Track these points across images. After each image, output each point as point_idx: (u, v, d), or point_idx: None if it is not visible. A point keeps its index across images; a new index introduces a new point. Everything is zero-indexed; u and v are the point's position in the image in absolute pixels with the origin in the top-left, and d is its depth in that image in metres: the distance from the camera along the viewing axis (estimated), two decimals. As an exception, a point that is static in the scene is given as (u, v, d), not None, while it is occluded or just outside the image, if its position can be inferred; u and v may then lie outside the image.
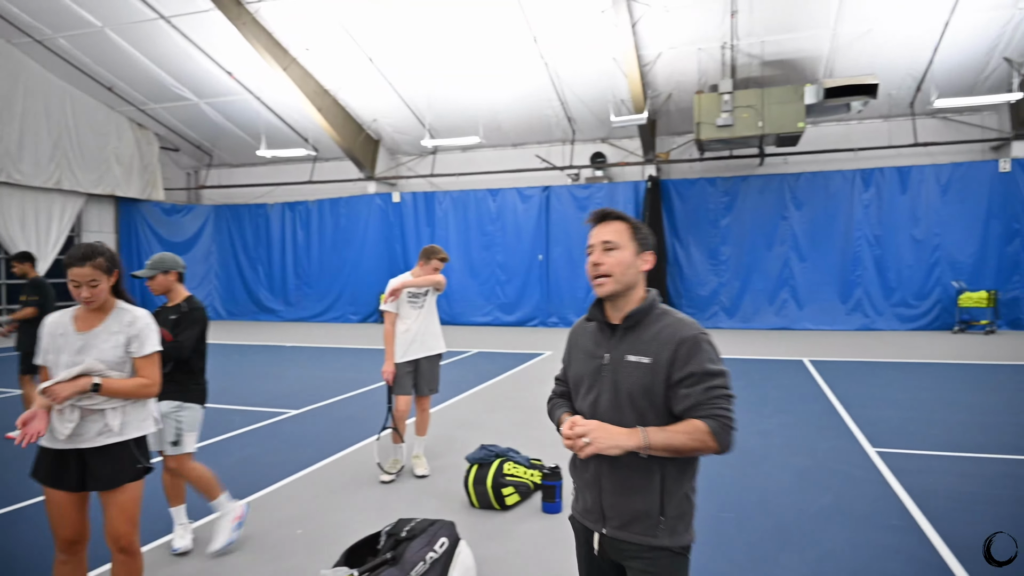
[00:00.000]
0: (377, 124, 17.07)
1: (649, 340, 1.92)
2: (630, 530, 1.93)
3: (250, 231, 19.38)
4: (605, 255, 1.95)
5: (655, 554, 1.91)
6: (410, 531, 3.31)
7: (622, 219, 2.00)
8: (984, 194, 13.72)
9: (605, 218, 2.00)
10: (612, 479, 1.94)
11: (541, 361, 10.99)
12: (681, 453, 1.84)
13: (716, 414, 1.82)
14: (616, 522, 1.96)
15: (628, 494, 1.92)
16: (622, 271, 1.94)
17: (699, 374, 1.85)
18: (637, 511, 1.92)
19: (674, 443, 1.82)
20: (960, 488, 4.68)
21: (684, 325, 1.92)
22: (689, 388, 1.85)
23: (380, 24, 13.29)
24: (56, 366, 2.80)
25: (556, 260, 16.39)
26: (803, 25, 12.32)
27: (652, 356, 1.89)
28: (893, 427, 6.34)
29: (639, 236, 1.99)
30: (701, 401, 1.84)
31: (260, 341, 14.20)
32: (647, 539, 1.91)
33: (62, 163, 16.27)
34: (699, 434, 1.81)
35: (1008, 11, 11.59)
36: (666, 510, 1.90)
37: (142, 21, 13.61)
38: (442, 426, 6.71)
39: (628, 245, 1.96)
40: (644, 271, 2.00)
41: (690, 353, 1.87)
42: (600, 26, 12.52)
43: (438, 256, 5.23)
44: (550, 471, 4.43)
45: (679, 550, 1.93)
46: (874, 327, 14.21)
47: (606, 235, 1.96)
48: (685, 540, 1.93)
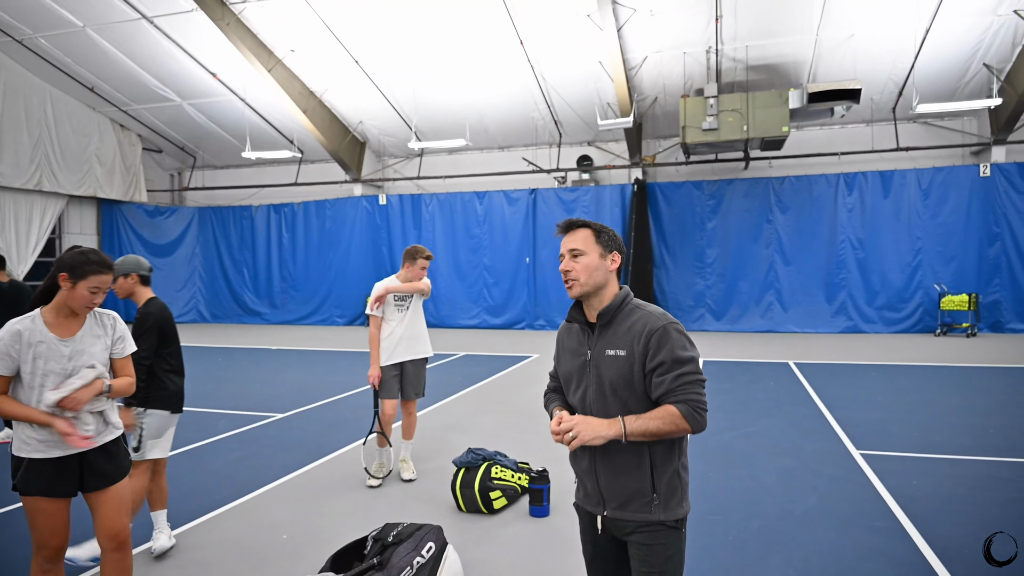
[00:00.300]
0: (363, 126, 17.01)
1: (623, 334, 2.09)
2: (627, 509, 2.11)
3: (235, 233, 19.22)
4: (573, 261, 2.14)
5: (652, 528, 2.09)
6: (397, 536, 3.29)
7: (586, 226, 2.18)
8: (965, 198, 13.90)
9: (570, 227, 2.20)
10: (606, 465, 2.13)
11: (529, 364, 10.98)
12: (658, 436, 2.01)
13: (687, 399, 2.00)
14: (614, 503, 2.14)
15: (622, 477, 2.10)
16: (588, 274, 2.12)
17: (669, 362, 2.01)
18: (632, 491, 2.09)
19: (650, 428, 1.99)
20: (942, 490, 4.73)
21: (653, 317, 2.08)
22: (661, 376, 2.02)
23: (366, 26, 13.25)
24: (46, 375, 2.71)
25: (543, 263, 16.40)
26: (787, 30, 12.44)
27: (627, 348, 2.06)
28: (877, 429, 6.40)
29: (602, 240, 2.17)
30: (672, 388, 2.01)
31: (245, 344, 14.08)
32: (643, 515, 2.09)
33: (43, 164, 16.06)
34: (672, 418, 1.99)
35: (988, 18, 11.77)
36: (658, 488, 2.08)
37: (124, 21, 13.47)
38: (429, 429, 6.69)
39: (593, 249, 2.14)
40: (612, 270, 2.16)
41: (660, 343, 2.03)
42: (586, 29, 12.56)
43: (423, 255, 5.20)
44: (537, 474, 4.42)
45: (673, 523, 2.10)
46: (858, 329, 14.34)
47: (572, 243, 2.16)
48: (679, 513, 2.10)
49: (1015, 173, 13.61)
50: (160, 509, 3.96)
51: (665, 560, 2.09)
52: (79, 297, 2.72)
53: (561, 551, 3.87)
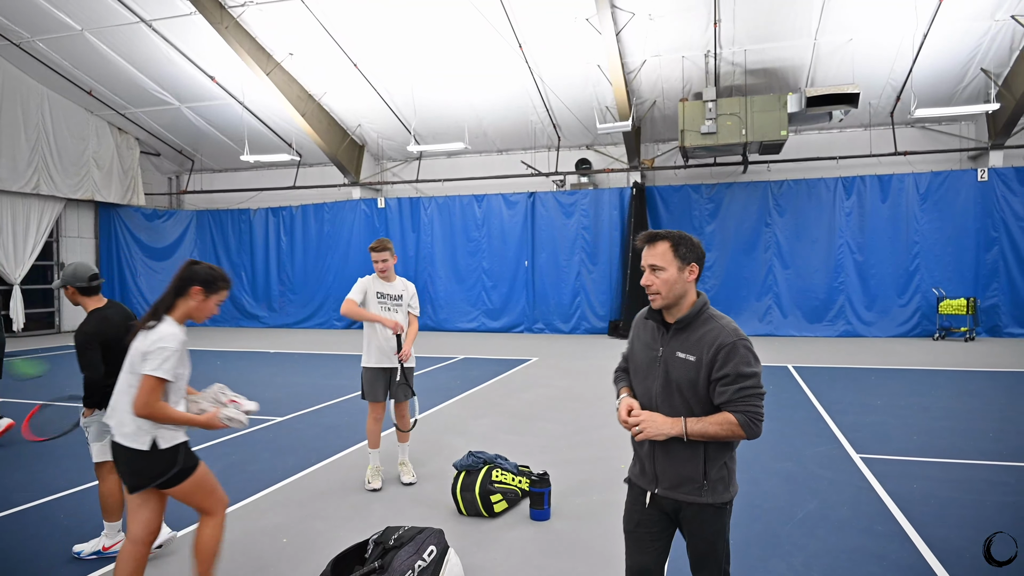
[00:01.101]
0: (362, 129, 17.02)
1: (696, 341, 2.29)
2: (679, 491, 2.35)
3: (233, 237, 19.20)
4: (653, 275, 2.31)
5: (702, 508, 2.34)
6: (398, 539, 3.28)
7: (665, 239, 2.33)
8: (963, 203, 13.93)
9: (651, 240, 2.34)
10: (664, 452, 2.36)
11: (528, 367, 10.97)
12: (715, 439, 2.25)
13: (745, 409, 2.22)
14: (666, 484, 2.37)
15: (676, 464, 2.33)
16: (668, 288, 2.30)
17: (733, 375, 2.22)
18: (684, 476, 2.33)
19: (708, 432, 2.23)
20: (941, 493, 4.73)
21: (725, 332, 2.27)
22: (725, 387, 2.23)
23: (365, 29, 13.27)
24: (181, 379, 2.95)
25: (542, 266, 16.40)
26: (785, 34, 12.47)
27: (696, 355, 2.27)
28: (876, 433, 6.40)
29: (680, 252, 2.31)
30: (734, 399, 2.22)
31: (243, 347, 14.05)
32: (694, 498, 2.33)
33: (40, 167, 16.04)
34: (730, 425, 2.22)
35: (985, 23, 11.81)
36: (708, 475, 2.31)
37: (122, 25, 13.47)
38: (428, 432, 6.68)
39: (672, 264, 2.30)
40: (691, 280, 2.33)
41: (727, 357, 2.23)
42: (585, 33, 12.59)
43: (373, 250, 5.12)
44: (538, 477, 4.41)
45: (720, 505, 2.34)
46: (856, 334, 14.35)
47: (652, 259, 2.32)
48: (725, 497, 2.34)
49: (1013, 178, 13.65)
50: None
51: (713, 534, 2.36)
52: (209, 310, 3.03)
53: (562, 555, 3.86)
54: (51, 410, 4.69)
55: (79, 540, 4.05)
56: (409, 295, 5.26)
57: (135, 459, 2.86)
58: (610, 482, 5.09)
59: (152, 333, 2.85)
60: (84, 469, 5.37)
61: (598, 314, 15.93)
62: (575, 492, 4.88)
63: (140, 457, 2.85)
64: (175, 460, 2.89)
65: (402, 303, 5.22)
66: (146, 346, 2.82)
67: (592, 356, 12.18)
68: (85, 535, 4.14)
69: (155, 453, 2.85)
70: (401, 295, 5.22)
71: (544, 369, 10.79)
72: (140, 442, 2.84)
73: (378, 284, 5.18)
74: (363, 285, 5.12)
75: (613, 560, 3.78)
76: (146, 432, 2.85)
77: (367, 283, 5.14)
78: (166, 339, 2.83)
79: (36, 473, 5.57)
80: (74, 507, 4.74)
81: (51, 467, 5.73)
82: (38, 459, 5.98)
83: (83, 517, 4.51)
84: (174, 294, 2.99)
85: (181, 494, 2.98)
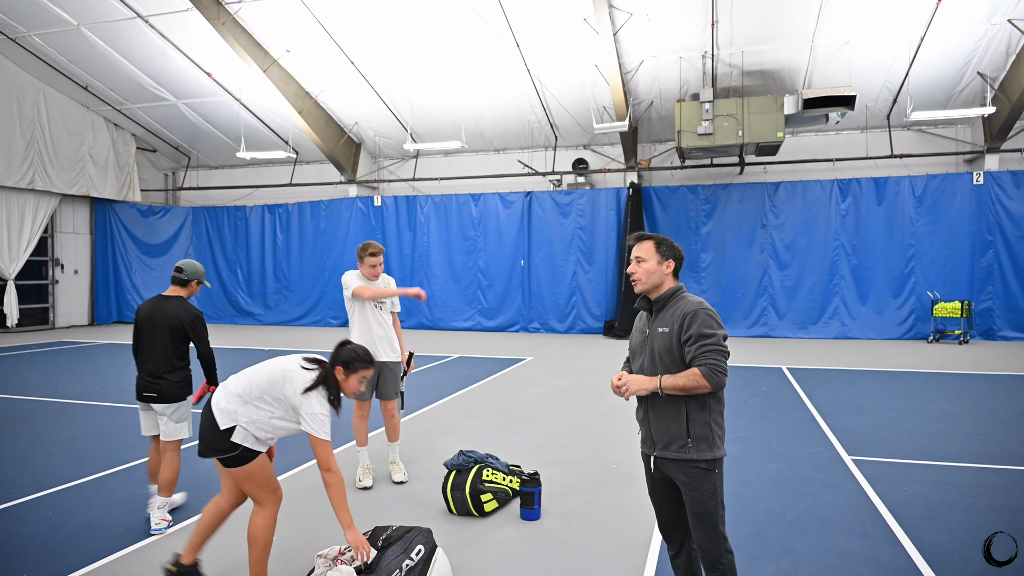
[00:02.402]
0: (359, 127, 16.99)
1: (670, 315, 2.77)
2: (669, 449, 2.77)
3: (229, 233, 19.15)
4: (637, 266, 2.85)
5: (688, 466, 2.73)
6: (386, 539, 3.26)
7: (651, 239, 2.87)
8: (958, 206, 13.95)
9: (639, 239, 2.89)
10: (654, 413, 2.80)
11: (522, 367, 10.96)
12: (686, 391, 2.65)
13: (707, 362, 2.62)
14: (660, 445, 2.80)
15: (665, 423, 2.77)
16: (647, 276, 2.83)
17: (696, 336, 2.66)
18: (672, 435, 2.75)
19: (678, 384, 2.65)
20: (933, 496, 4.73)
21: (690, 303, 2.74)
22: (690, 346, 2.66)
23: (363, 27, 13.24)
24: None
25: (538, 266, 16.39)
26: (782, 36, 12.47)
27: (669, 326, 2.74)
28: (868, 435, 6.40)
29: (661, 250, 2.84)
30: (697, 355, 2.65)
31: (238, 345, 14.02)
32: (681, 455, 2.74)
33: (35, 163, 15.99)
34: (695, 377, 2.62)
35: (982, 27, 11.83)
36: (691, 432, 2.72)
37: (119, 20, 13.42)
38: (420, 431, 6.66)
39: (652, 257, 2.83)
40: (668, 272, 2.84)
41: (691, 322, 2.68)
42: (582, 33, 12.58)
43: (367, 252, 5.11)
44: (529, 477, 4.40)
45: (706, 464, 2.72)
46: (851, 335, 14.37)
47: (638, 252, 2.87)
48: (710, 455, 2.72)
49: (1008, 181, 13.67)
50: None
51: (702, 493, 2.72)
52: (350, 387, 3.39)
53: (552, 555, 3.85)
54: None
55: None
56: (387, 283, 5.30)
57: (210, 429, 3.24)
58: (601, 483, 5.09)
59: (307, 397, 3.25)
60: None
61: (594, 314, 15.93)
62: (566, 492, 4.87)
63: (214, 430, 3.22)
64: (235, 447, 3.22)
65: (386, 301, 5.24)
66: (305, 408, 3.22)
67: (587, 356, 12.17)
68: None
69: (225, 433, 3.20)
70: None
71: (538, 369, 10.78)
72: (223, 421, 3.21)
73: (363, 282, 5.18)
74: (356, 278, 5.15)
75: (602, 560, 3.77)
76: (231, 418, 3.22)
77: (357, 276, 5.17)
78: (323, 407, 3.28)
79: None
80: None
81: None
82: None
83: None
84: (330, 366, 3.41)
85: (237, 478, 3.31)
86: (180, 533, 4.18)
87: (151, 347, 4.41)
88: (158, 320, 4.41)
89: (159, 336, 4.40)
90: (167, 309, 4.45)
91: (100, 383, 9.59)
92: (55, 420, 7.30)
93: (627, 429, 6.69)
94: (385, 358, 5.13)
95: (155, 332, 4.41)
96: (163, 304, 4.48)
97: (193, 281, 4.60)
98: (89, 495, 4.90)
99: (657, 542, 3.98)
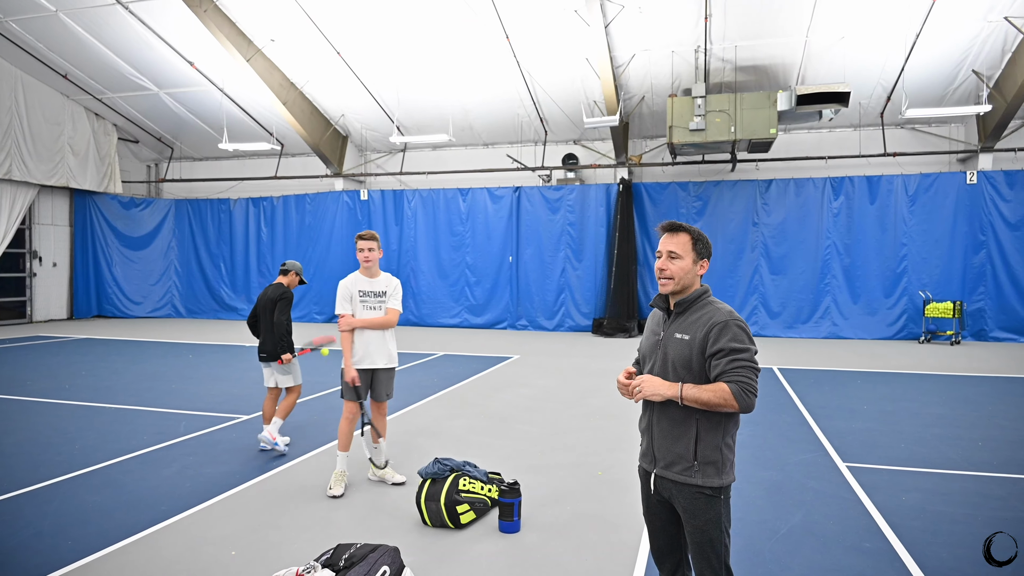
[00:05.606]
0: (345, 120, 16.66)
1: (692, 322, 2.45)
2: (672, 470, 2.45)
3: (212, 227, 18.79)
4: (670, 262, 2.47)
5: (691, 491, 2.41)
6: (348, 559, 3.02)
7: (688, 231, 2.49)
8: (951, 205, 13.80)
9: (672, 229, 2.50)
10: (660, 426, 2.48)
11: (508, 365, 10.71)
12: (709, 407, 2.33)
13: (738, 379, 2.31)
14: (663, 463, 2.48)
15: (671, 439, 2.45)
16: (681, 276, 2.47)
17: (726, 350, 2.34)
18: (676, 454, 2.44)
19: (702, 397, 2.32)
20: (931, 507, 4.52)
21: (720, 312, 2.41)
22: (718, 360, 2.35)
23: (349, 16, 12.91)
24: None
25: (527, 262, 16.14)
26: (776, 32, 12.25)
27: (691, 334, 2.42)
28: (862, 440, 6.20)
29: (698, 247, 2.49)
30: (727, 370, 2.33)
31: (219, 341, 13.70)
32: (684, 478, 2.42)
33: (12, 152, 15.57)
34: (723, 394, 2.30)
35: (977, 25, 11.66)
36: (699, 455, 2.40)
37: (98, 6, 13.04)
38: (399, 434, 6.40)
39: (689, 255, 2.47)
40: (700, 274, 2.51)
41: (720, 334, 2.36)
42: (573, 25, 12.31)
43: (360, 239, 5.02)
44: (508, 487, 4.15)
45: (711, 491, 2.40)
46: (842, 335, 14.21)
47: (672, 246, 2.48)
48: (716, 482, 2.40)
49: (1002, 181, 13.54)
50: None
51: (705, 522, 2.41)
52: None
53: (530, 571, 3.61)
54: None
55: None
56: (392, 289, 5.11)
57: None
58: (585, 492, 4.85)
59: None
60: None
61: (582, 312, 15.70)
62: (548, 501, 4.63)
63: None
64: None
65: (385, 299, 5.07)
66: None
67: (575, 355, 11.94)
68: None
69: None
70: (384, 291, 5.07)
71: (525, 367, 10.54)
72: None
73: (361, 282, 5.01)
74: (347, 291, 4.98)
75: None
76: None
77: (349, 285, 4.99)
78: None
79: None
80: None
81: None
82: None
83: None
84: None
85: None
86: (144, 549, 3.91)
87: (263, 318, 5.92)
88: (264, 298, 5.95)
89: (265, 310, 5.90)
90: (269, 290, 5.98)
91: (71, 380, 9.26)
92: (15, 420, 6.98)
93: (614, 433, 6.46)
94: (377, 365, 5.02)
95: (264, 307, 5.93)
96: (269, 287, 6.01)
97: (292, 272, 6.01)
98: (42, 502, 4.62)
99: (644, 556, 3.74)
